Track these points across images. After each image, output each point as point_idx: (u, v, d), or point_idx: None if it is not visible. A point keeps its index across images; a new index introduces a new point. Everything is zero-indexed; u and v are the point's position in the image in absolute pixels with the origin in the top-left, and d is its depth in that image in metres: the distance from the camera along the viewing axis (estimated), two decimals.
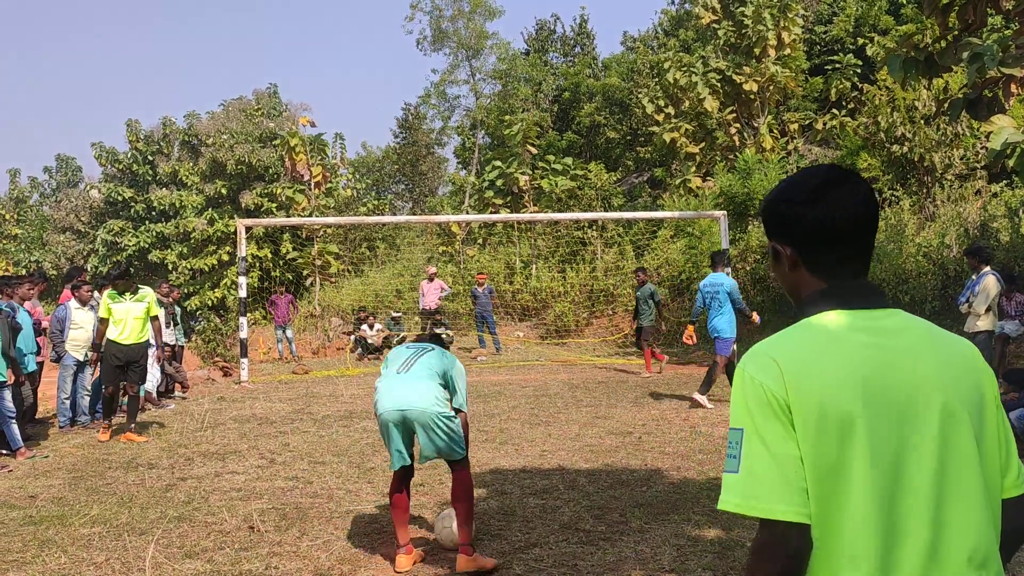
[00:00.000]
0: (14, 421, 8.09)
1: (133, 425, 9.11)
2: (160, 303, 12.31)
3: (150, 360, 11.51)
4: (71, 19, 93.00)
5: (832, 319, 1.45)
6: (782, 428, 1.35)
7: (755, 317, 10.08)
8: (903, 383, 1.38)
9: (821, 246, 1.49)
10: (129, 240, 26.46)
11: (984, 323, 9.23)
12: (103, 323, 9.04)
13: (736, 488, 1.36)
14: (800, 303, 1.54)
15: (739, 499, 1.35)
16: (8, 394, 8.05)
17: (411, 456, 4.64)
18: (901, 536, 1.33)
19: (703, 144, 24.05)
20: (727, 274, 10.26)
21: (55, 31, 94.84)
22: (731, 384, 1.49)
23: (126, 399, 11.22)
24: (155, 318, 9.40)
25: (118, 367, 9.02)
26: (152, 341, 9.71)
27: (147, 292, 9.32)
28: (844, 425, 1.33)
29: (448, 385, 4.64)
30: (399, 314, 19.18)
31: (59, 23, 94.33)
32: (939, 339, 1.48)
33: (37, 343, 9.48)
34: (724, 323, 9.78)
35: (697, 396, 9.78)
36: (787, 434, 1.34)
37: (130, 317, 9.06)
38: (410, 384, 4.51)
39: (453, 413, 4.60)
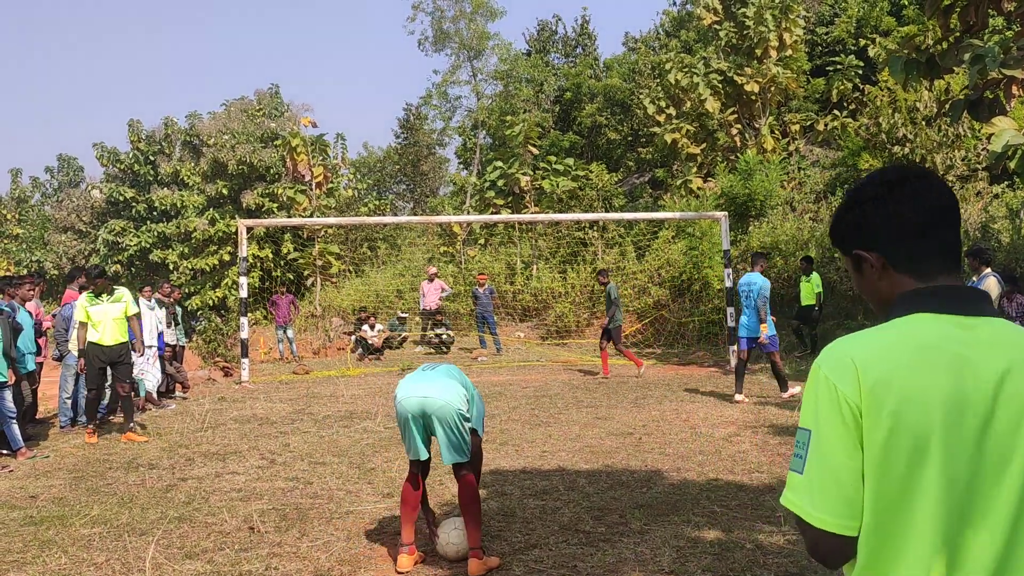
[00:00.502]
0: (15, 421, 8.10)
1: (132, 425, 9.11)
2: (161, 303, 12.34)
3: (151, 360, 11.54)
4: (73, 20, 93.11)
5: (923, 323, 1.36)
6: (848, 437, 1.30)
7: (764, 328, 10.09)
8: (991, 402, 1.29)
9: (908, 241, 1.42)
10: (130, 240, 26.49)
11: None
12: (82, 327, 8.93)
13: (800, 489, 1.34)
14: (889, 308, 1.45)
15: (800, 500, 1.34)
16: (8, 394, 8.06)
17: (428, 453, 4.64)
18: (964, 567, 1.27)
19: (704, 145, 24.06)
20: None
21: (57, 31, 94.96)
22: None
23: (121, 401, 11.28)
24: (135, 316, 9.38)
25: (101, 369, 9.02)
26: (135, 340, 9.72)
27: (123, 292, 9.31)
28: (918, 444, 1.26)
29: (468, 399, 4.69)
30: (404, 314, 19.20)
31: (61, 24, 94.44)
32: None
33: (37, 343, 9.49)
34: (755, 322, 10.12)
35: (786, 395, 10.20)
36: (853, 443, 1.30)
37: (108, 319, 9.06)
38: (434, 380, 4.59)
39: (469, 418, 4.62)
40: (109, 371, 9.19)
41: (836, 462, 1.30)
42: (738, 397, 10.22)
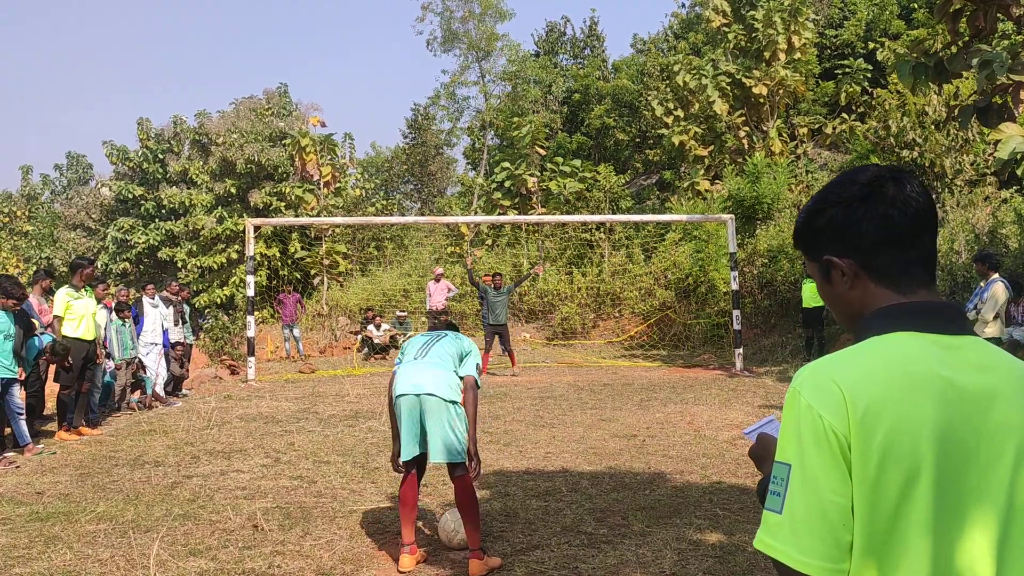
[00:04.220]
0: (23, 417, 8.14)
1: (78, 423, 9.16)
2: (168, 301, 12.40)
3: (156, 358, 11.60)
4: (83, 18, 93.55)
5: (906, 345, 1.25)
6: (837, 471, 1.18)
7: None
8: (977, 427, 1.21)
9: (888, 248, 1.30)
10: (139, 238, 26.60)
11: (992, 330, 9.19)
12: (58, 321, 8.85)
13: (778, 532, 1.20)
14: (863, 319, 1.33)
15: (779, 544, 1.19)
16: (18, 390, 8.10)
17: (423, 448, 4.63)
18: None
19: (712, 147, 24.04)
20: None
21: (67, 30, 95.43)
22: None
23: (136, 396, 11.33)
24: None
25: (82, 365, 9.03)
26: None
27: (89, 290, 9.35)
28: (910, 473, 1.17)
29: (463, 361, 4.78)
30: (403, 313, 19.22)
31: (71, 22, 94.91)
32: (1020, 374, 1.28)
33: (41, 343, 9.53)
34: None
35: None
36: (842, 478, 1.18)
37: (88, 313, 9.08)
38: (426, 370, 4.60)
39: (463, 408, 4.63)
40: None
41: (824, 500, 1.17)
42: None
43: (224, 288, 24.91)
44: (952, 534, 1.18)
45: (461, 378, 4.69)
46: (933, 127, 17.81)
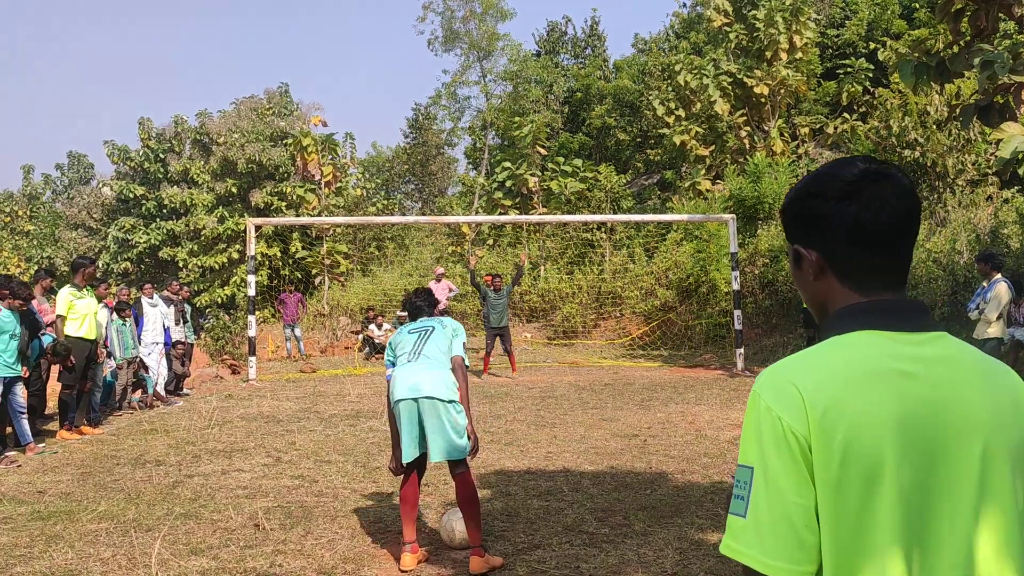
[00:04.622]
0: (24, 416, 8.15)
1: (80, 422, 9.17)
2: (169, 301, 12.42)
3: (158, 358, 11.61)
4: (85, 17, 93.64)
5: (867, 343, 1.25)
6: (799, 473, 1.18)
7: None
8: (942, 423, 1.20)
9: (856, 249, 1.28)
10: (140, 237, 26.60)
11: (994, 330, 9.19)
12: (61, 320, 8.85)
13: (742, 536, 1.20)
14: (826, 319, 1.34)
15: (744, 547, 1.20)
16: (20, 389, 8.11)
17: (423, 448, 4.66)
18: None
19: (713, 147, 24.02)
20: None
21: (68, 29, 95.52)
22: None
23: (137, 395, 11.34)
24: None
25: (84, 365, 9.04)
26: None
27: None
28: (871, 471, 1.16)
29: (451, 345, 4.85)
30: (404, 313, 19.24)
31: (73, 21, 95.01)
32: (987, 372, 1.27)
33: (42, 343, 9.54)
34: None
35: None
36: (804, 480, 1.18)
37: (90, 313, 9.08)
38: (422, 372, 4.62)
39: (461, 405, 4.66)
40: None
41: (787, 501, 1.17)
42: None
43: (225, 288, 24.92)
44: (921, 531, 1.17)
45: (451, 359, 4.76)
46: (935, 127, 17.80)
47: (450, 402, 4.58)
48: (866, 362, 1.22)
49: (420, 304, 5.17)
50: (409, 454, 4.61)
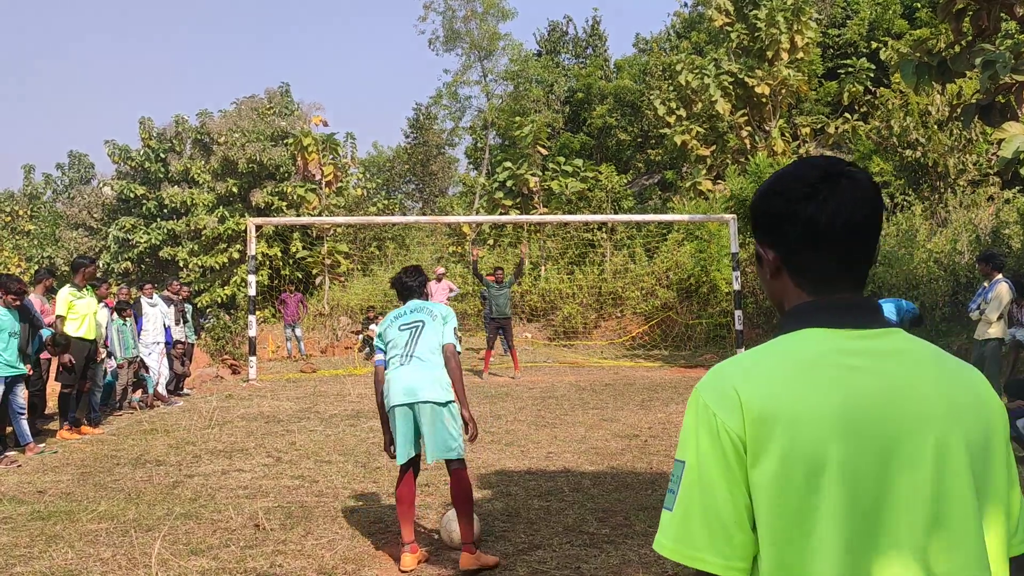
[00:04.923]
0: (24, 417, 8.14)
1: (81, 420, 9.18)
2: (169, 300, 12.41)
3: (158, 358, 11.61)
4: (85, 18, 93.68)
5: (813, 339, 1.24)
6: (729, 470, 1.17)
7: None
8: (892, 416, 1.17)
9: (808, 251, 1.27)
10: (140, 237, 26.59)
11: (995, 330, 9.17)
12: (61, 320, 8.84)
13: (669, 530, 1.20)
14: (781, 321, 1.33)
15: (671, 543, 1.19)
16: (22, 389, 8.10)
17: (417, 449, 4.66)
18: None
19: (714, 147, 24.02)
20: None
21: (70, 29, 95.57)
22: None
23: (137, 395, 11.34)
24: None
25: (83, 365, 9.03)
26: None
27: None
28: (814, 468, 1.14)
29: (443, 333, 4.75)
30: None
31: (74, 22, 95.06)
32: (944, 366, 1.25)
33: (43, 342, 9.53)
34: None
35: None
36: (735, 477, 1.17)
37: (89, 313, 9.07)
38: (417, 373, 4.58)
39: (456, 403, 4.65)
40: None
41: (718, 497, 1.17)
42: None
43: (226, 287, 24.91)
44: (871, 527, 1.14)
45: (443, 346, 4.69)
46: (936, 127, 17.79)
47: (446, 404, 4.57)
48: (810, 359, 1.21)
49: (410, 284, 5.00)
50: (404, 455, 4.61)
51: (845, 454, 1.15)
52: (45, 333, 8.99)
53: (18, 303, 8.05)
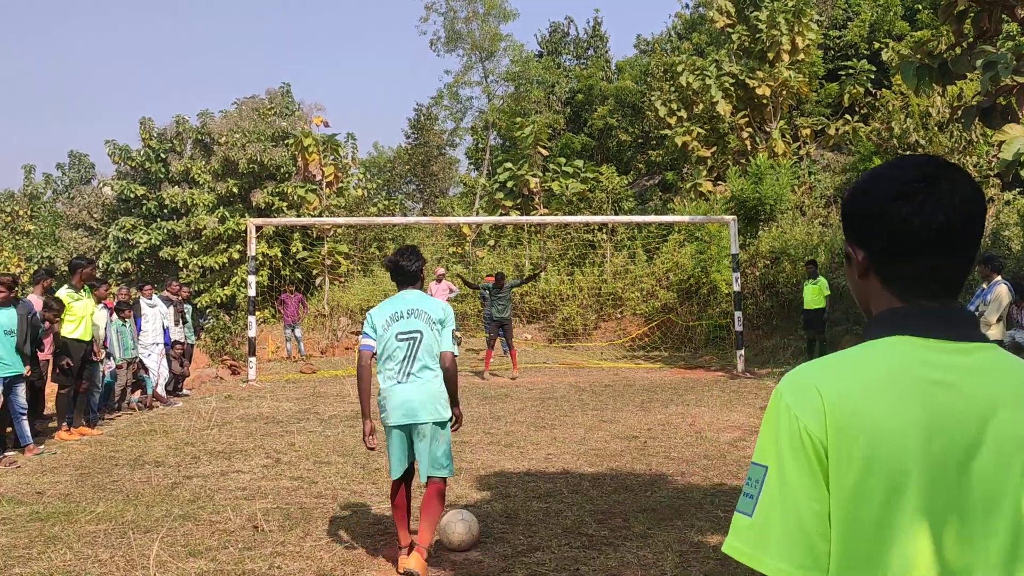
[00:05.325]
0: (25, 417, 8.14)
1: (79, 422, 9.17)
2: (169, 301, 12.40)
3: (157, 359, 11.60)
4: (86, 17, 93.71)
5: (899, 348, 1.19)
6: (813, 477, 1.14)
7: None
8: (974, 436, 1.14)
9: (901, 254, 1.22)
10: (140, 237, 26.59)
11: (994, 333, 9.16)
12: (59, 321, 8.85)
13: (747, 536, 1.17)
14: (867, 325, 1.29)
15: (749, 548, 1.17)
16: (22, 389, 8.09)
17: (410, 460, 4.67)
18: None
19: (715, 148, 24.01)
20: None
21: (70, 28, 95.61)
22: None
23: (136, 396, 11.33)
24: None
25: (80, 366, 9.02)
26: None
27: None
28: (894, 482, 1.11)
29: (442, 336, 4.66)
30: None
31: (74, 21, 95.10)
32: None
33: (42, 342, 9.52)
34: None
35: None
36: (817, 484, 1.14)
37: (87, 314, 9.06)
38: (416, 391, 4.54)
39: (452, 420, 4.68)
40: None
41: (800, 505, 1.14)
42: None
43: (225, 288, 24.91)
44: (948, 544, 1.12)
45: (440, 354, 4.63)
46: (936, 128, 17.78)
47: (444, 424, 4.59)
48: (896, 368, 1.17)
49: (407, 268, 4.68)
50: (397, 471, 4.64)
51: (927, 471, 1.12)
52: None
53: (5, 294, 7.93)
